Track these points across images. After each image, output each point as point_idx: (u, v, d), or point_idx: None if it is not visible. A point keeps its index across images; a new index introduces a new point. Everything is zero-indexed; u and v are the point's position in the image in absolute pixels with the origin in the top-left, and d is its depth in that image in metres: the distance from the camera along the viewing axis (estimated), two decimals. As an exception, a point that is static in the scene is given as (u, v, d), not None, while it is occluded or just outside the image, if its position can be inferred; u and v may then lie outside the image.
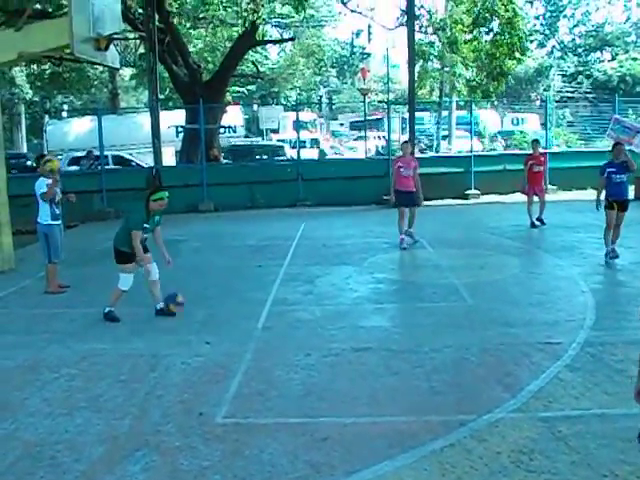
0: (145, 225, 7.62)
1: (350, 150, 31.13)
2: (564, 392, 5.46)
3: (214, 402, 5.37)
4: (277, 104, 39.11)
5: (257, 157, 23.55)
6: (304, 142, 25.20)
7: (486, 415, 5.02)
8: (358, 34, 37.44)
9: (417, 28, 23.47)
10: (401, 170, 12.08)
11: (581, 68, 57.49)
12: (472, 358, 6.32)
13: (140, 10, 20.92)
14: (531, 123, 34.40)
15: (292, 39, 31.97)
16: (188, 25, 25.31)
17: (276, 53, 45.74)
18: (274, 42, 32.31)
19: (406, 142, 13.34)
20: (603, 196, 10.60)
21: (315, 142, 29.44)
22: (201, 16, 23.86)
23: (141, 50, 26.17)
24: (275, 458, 4.48)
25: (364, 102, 28.66)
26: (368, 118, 26.50)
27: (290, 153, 24.14)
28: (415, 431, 4.81)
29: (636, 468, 4.20)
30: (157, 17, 19.21)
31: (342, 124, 38.26)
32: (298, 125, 21.22)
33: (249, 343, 6.87)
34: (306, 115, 36.49)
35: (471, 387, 5.66)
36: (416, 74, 25.09)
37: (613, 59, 56.78)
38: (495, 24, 25.05)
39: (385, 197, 17.32)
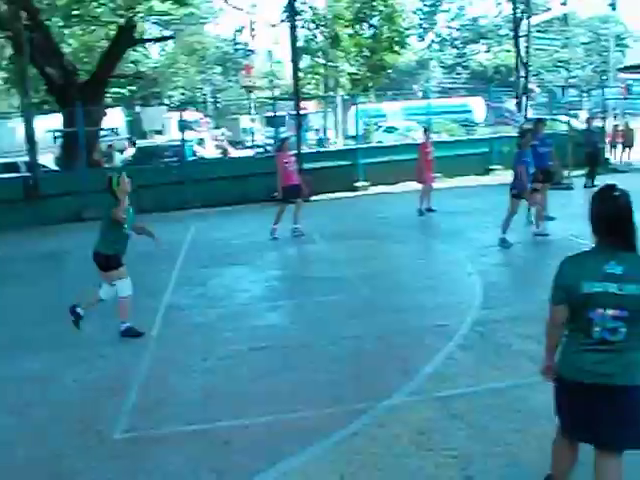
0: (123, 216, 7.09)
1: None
2: (457, 371, 5.67)
3: (112, 417, 5.17)
4: (160, 104, 38.25)
5: (165, 159, 22.41)
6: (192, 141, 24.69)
7: (385, 401, 5.14)
8: (240, 30, 37.10)
9: (300, 24, 23.67)
10: (286, 165, 12.20)
11: (459, 60, 59.79)
12: (369, 347, 6.44)
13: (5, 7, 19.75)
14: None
15: (172, 37, 31.32)
16: (61, 23, 24.20)
17: (157, 52, 44.81)
18: (154, 40, 31.48)
19: (287, 139, 13.65)
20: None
21: (201, 142, 28.89)
22: (74, 13, 22.84)
23: (10, 51, 24.84)
24: (178, 469, 4.39)
25: (249, 99, 28.59)
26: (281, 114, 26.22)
27: (202, 152, 23.47)
28: (318, 424, 4.85)
29: (525, 435, 4.42)
30: (25, 14, 18.21)
31: (253, 120, 37.64)
32: (182, 125, 20.80)
33: (144, 353, 6.65)
34: (191, 115, 35.89)
35: (370, 375, 5.77)
36: (302, 69, 25.34)
37: (488, 51, 59.33)
38: (375, 19, 25.66)
39: (275, 194, 17.30)
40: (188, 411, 5.24)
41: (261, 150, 25.32)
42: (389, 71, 27.56)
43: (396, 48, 25.81)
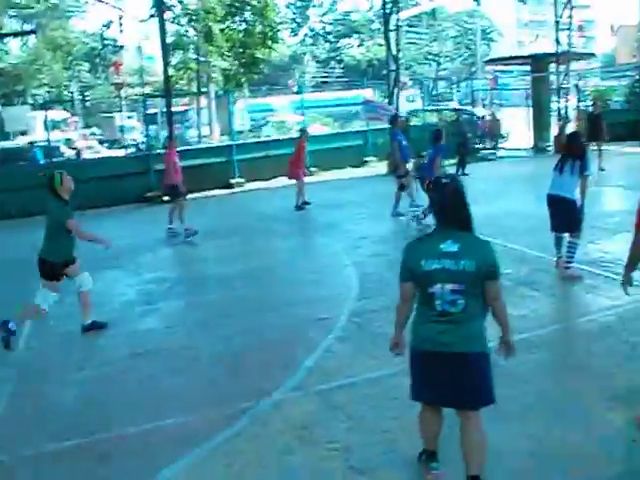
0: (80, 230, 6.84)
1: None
2: (336, 363, 5.77)
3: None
4: (24, 103, 36.34)
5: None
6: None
7: (267, 398, 5.15)
8: (108, 25, 35.70)
9: (170, 18, 23.18)
10: (177, 163, 12.22)
11: (333, 54, 60.59)
12: (249, 345, 6.43)
13: None
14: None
15: (33, 32, 29.82)
16: None
17: (18, 47, 42.48)
18: (13, 35, 29.91)
19: (175, 135, 13.57)
20: None
21: (68, 142, 27.68)
22: None
23: None
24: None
25: (119, 96, 27.76)
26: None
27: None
28: (200, 427, 4.80)
29: (401, 422, 4.56)
30: None
31: (130, 117, 36.15)
32: (47, 125, 19.89)
33: (10, 368, 6.31)
34: (58, 114, 34.35)
35: (251, 373, 5.75)
36: (174, 65, 24.85)
37: (361, 45, 60.47)
38: (248, 14, 25.51)
39: (149, 194, 16.91)
40: (64, 426, 5.02)
41: (133, 150, 24.65)
42: (262, 66, 27.44)
43: (269, 43, 25.83)
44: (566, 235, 7.84)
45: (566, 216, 7.67)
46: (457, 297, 3.48)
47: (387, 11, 21.27)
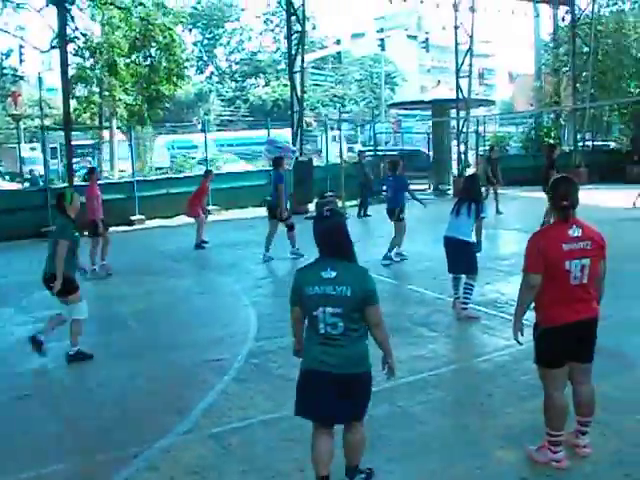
0: (75, 234, 6.91)
1: None
2: (231, 405, 5.69)
3: None
4: None
5: None
6: None
7: (158, 442, 5.00)
8: (8, 55, 34.55)
9: (73, 51, 22.71)
10: (99, 197, 11.98)
11: (238, 93, 60.92)
12: (141, 387, 6.27)
13: None
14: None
15: None
16: None
17: None
18: None
19: (95, 169, 13.70)
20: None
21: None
22: None
23: None
24: None
25: (18, 128, 26.83)
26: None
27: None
28: (86, 474, 4.64)
29: (298, 463, 4.53)
30: None
31: (33, 148, 34.60)
32: None
33: None
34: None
35: (142, 416, 5.60)
36: (76, 98, 24.27)
37: (267, 85, 61.14)
38: (154, 49, 25.34)
39: (46, 229, 16.31)
40: None
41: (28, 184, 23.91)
42: (167, 102, 27.23)
43: (174, 79, 25.71)
44: (463, 276, 8.11)
45: (462, 258, 7.95)
46: (337, 320, 3.79)
47: (292, 53, 21.66)
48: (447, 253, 8.15)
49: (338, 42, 69.63)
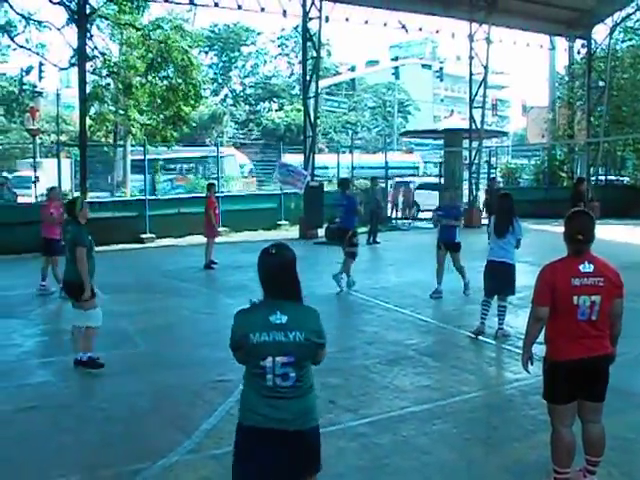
0: (89, 238, 7.05)
1: None
2: (234, 427, 5.62)
3: None
4: None
5: None
6: None
7: (160, 461, 4.98)
8: (29, 71, 35.03)
9: (91, 69, 23.04)
10: (54, 215, 11.48)
11: (252, 116, 61.39)
12: (145, 404, 6.25)
13: None
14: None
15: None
16: None
17: None
18: None
19: (55, 188, 13.17)
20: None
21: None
22: None
23: None
24: None
25: (34, 143, 27.15)
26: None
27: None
28: (86, 490, 4.59)
29: None
30: None
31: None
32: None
33: None
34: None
35: (145, 434, 5.59)
36: (90, 115, 24.54)
37: (280, 109, 61.60)
38: (170, 71, 25.68)
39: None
40: None
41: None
42: (185, 123, 27.46)
43: (191, 101, 25.99)
44: (494, 300, 8.27)
45: (510, 279, 8.24)
46: (288, 370, 3.34)
47: (307, 78, 21.86)
48: (492, 276, 8.15)
49: (352, 69, 70.26)
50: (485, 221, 18.26)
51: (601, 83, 26.60)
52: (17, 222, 16.24)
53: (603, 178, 28.73)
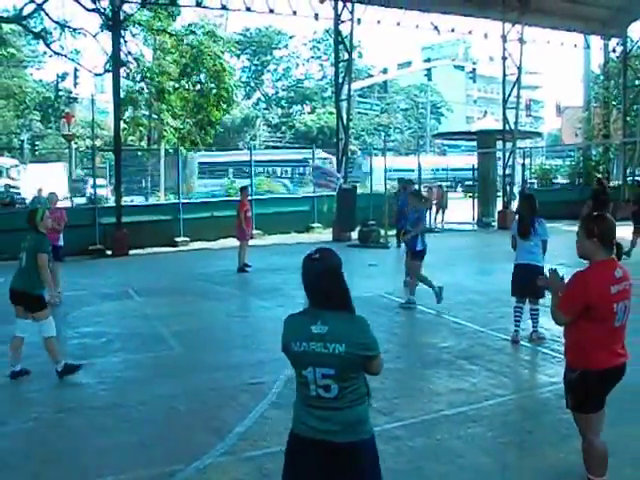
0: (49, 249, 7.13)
1: None
2: (269, 430, 5.66)
3: None
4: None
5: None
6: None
7: (195, 462, 5.02)
8: (64, 77, 35.68)
9: (125, 75, 23.36)
10: (59, 221, 11.54)
11: (284, 119, 61.67)
12: (180, 407, 6.31)
13: None
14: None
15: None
16: None
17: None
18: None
19: (53, 194, 13.03)
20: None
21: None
22: None
23: None
24: None
25: (69, 148, 27.61)
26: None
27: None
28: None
29: None
30: None
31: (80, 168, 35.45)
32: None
33: None
34: (6, 161, 33.82)
35: (180, 436, 5.64)
36: (125, 121, 24.90)
37: (312, 112, 61.79)
38: (203, 76, 25.94)
39: (92, 247, 16.69)
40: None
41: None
42: (217, 127, 27.75)
43: (224, 106, 26.23)
44: (524, 304, 8.18)
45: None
46: (329, 382, 3.12)
47: (339, 81, 21.88)
48: (522, 279, 8.01)
49: (385, 71, 70.14)
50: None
51: (637, 82, 26.16)
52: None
53: (640, 179, 28.23)
